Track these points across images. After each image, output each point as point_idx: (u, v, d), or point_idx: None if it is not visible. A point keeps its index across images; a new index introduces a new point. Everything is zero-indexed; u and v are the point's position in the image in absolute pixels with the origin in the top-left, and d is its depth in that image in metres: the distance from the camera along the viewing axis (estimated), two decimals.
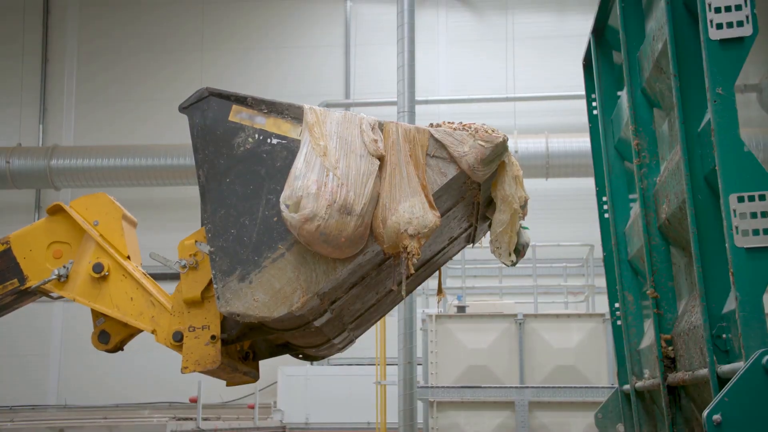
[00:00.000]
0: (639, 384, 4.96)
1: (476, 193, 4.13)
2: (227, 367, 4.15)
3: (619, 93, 5.26)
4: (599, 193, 5.59)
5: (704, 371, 3.49)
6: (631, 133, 4.50)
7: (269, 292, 3.75)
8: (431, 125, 3.98)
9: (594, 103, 5.57)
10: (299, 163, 3.67)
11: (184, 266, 4.05)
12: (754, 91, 15.93)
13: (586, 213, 12.12)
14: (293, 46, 18.81)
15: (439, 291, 4.94)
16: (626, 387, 5.32)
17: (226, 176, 3.84)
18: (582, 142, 15.62)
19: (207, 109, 3.90)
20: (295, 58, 18.67)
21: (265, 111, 3.87)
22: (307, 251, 3.74)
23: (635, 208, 4.94)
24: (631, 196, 5.23)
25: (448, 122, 4.03)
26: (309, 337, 4.34)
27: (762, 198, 3.06)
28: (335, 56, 18.69)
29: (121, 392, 17.44)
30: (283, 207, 3.60)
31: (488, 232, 4.50)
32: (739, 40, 3.16)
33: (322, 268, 3.75)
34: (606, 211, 5.48)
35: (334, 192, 3.59)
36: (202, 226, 3.91)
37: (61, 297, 4.38)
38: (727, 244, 3.09)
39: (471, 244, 4.88)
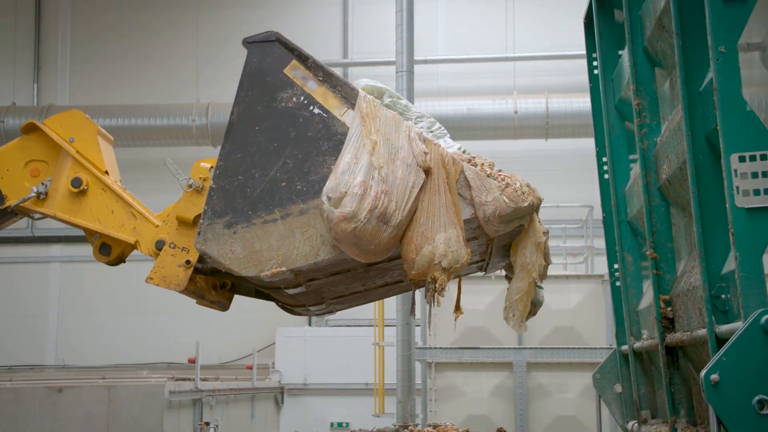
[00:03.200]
0: (637, 345, 4.97)
1: (489, 239, 4.04)
2: (192, 293, 4.21)
3: (620, 52, 5.21)
4: (599, 154, 5.56)
5: (702, 331, 3.49)
6: (632, 92, 4.46)
7: (247, 250, 3.73)
8: (470, 160, 3.87)
9: (595, 63, 5.51)
10: (347, 156, 3.59)
11: (190, 185, 4.08)
12: (757, 49, 15.79)
13: (586, 174, 12.10)
14: (290, 2, 18.63)
15: (457, 308, 4.51)
16: (624, 348, 5.34)
17: (257, 124, 3.80)
18: (582, 102, 15.52)
19: (268, 53, 3.85)
20: (293, 16, 18.49)
21: (320, 78, 3.82)
22: (298, 228, 3.71)
23: (635, 169, 4.91)
24: (631, 157, 5.20)
25: (488, 163, 3.92)
26: (281, 295, 4.33)
27: (763, 158, 3.04)
28: (333, 14, 18.51)
29: (119, 353, 17.53)
30: (324, 198, 3.54)
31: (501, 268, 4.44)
32: None
33: (305, 249, 3.72)
34: (606, 171, 5.45)
35: (377, 197, 3.53)
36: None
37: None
38: (727, 205, 3.07)
39: (482, 272, 4.75)
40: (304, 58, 3.84)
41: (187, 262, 4.04)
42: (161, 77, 18.50)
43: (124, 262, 4.41)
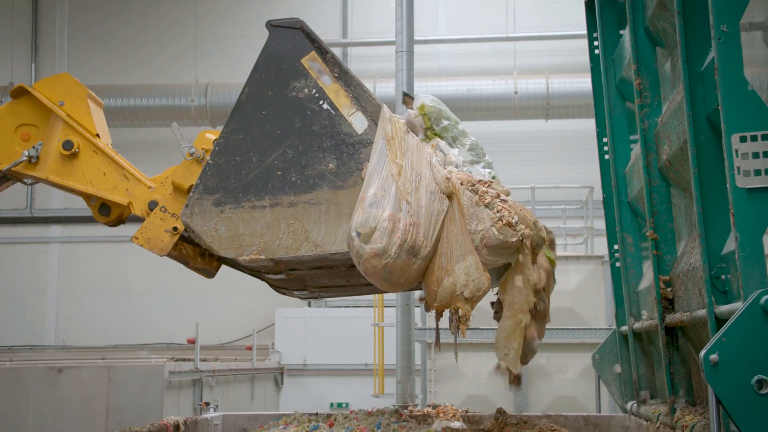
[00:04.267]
0: (637, 325, 4.97)
1: None
2: (177, 259, 4.24)
3: (621, 32, 5.18)
4: (600, 134, 5.54)
5: (702, 312, 3.49)
6: (633, 72, 4.44)
7: (230, 231, 3.75)
8: (472, 185, 3.81)
9: (596, 42, 5.49)
10: (373, 186, 3.54)
11: (191, 154, 4.09)
12: (759, 29, 15.73)
13: (586, 154, 12.06)
14: None
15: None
16: (624, 328, 5.34)
17: (264, 108, 3.79)
18: (583, 82, 15.47)
19: (288, 40, 3.83)
20: None
21: (336, 75, 3.80)
22: (284, 220, 3.71)
23: (636, 149, 4.90)
24: (631, 137, 5.19)
25: (498, 192, 3.84)
26: (262, 277, 4.35)
27: (764, 138, 3.02)
28: None
29: (118, 334, 17.58)
30: (353, 234, 3.51)
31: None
32: None
33: (287, 242, 3.72)
34: (606, 152, 5.44)
35: (406, 231, 3.49)
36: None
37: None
38: (728, 185, 3.06)
39: None
40: (323, 52, 3.83)
41: (174, 228, 4.07)
42: (159, 56, 18.42)
43: (124, 223, 4.41)
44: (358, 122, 3.74)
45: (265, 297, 17.01)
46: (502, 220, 3.70)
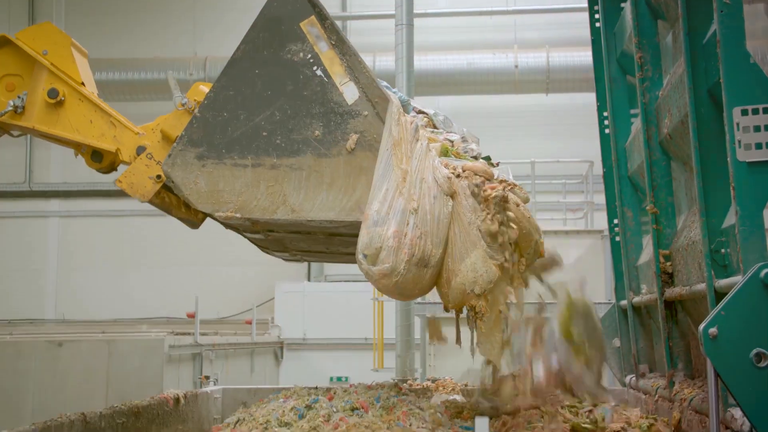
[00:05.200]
0: (636, 299, 4.98)
1: None
2: (159, 207, 4.23)
3: (622, 4, 5.14)
4: (600, 108, 5.52)
5: (702, 286, 3.49)
6: (634, 45, 4.41)
7: (210, 186, 3.75)
8: (458, 174, 3.74)
9: (596, 15, 5.45)
10: (377, 201, 3.48)
11: (183, 104, 4.08)
12: (761, 2, 15.64)
13: (587, 129, 12.01)
14: None
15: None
16: (623, 302, 5.35)
17: (258, 67, 3.77)
18: (583, 56, 15.40)
19: (290, 2, 3.79)
20: None
21: (333, 42, 3.77)
22: (264, 181, 3.71)
23: (636, 123, 4.88)
24: (632, 111, 5.17)
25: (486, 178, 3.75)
26: (244, 234, 4.36)
27: (766, 111, 3.00)
28: None
29: (118, 308, 17.62)
30: (360, 256, 3.48)
31: None
32: None
33: (264, 203, 3.73)
34: (607, 126, 5.42)
35: (413, 245, 3.43)
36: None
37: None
38: (728, 158, 3.05)
39: None
40: (323, 18, 3.80)
41: (158, 176, 4.07)
42: (158, 30, 18.33)
43: (116, 170, 4.41)
44: (350, 92, 3.72)
45: (264, 271, 17.04)
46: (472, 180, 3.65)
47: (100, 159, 4.31)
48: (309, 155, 3.71)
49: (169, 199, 4.27)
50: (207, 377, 6.74)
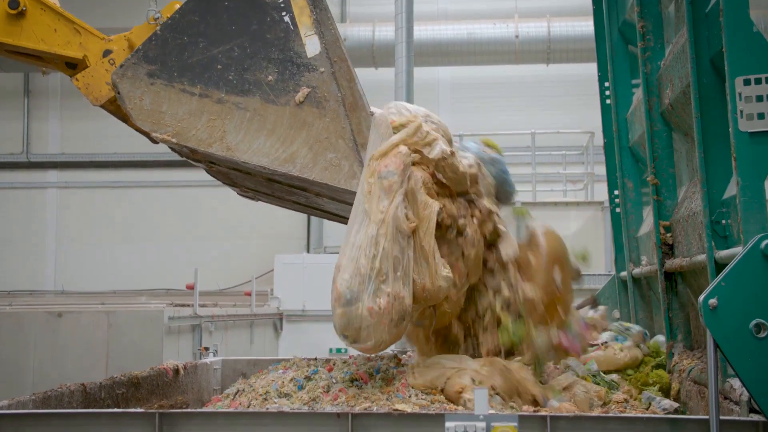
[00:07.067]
0: (636, 271, 4.97)
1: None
2: (113, 113, 4.18)
3: None
4: (601, 79, 5.49)
5: (702, 257, 3.48)
6: (636, 15, 4.37)
7: (153, 105, 3.75)
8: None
9: None
10: (348, 271, 3.45)
11: (155, 19, 4.06)
12: None
13: (588, 99, 11.96)
14: None
15: None
16: (623, 274, 5.35)
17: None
18: (585, 25, 15.30)
19: None
20: None
21: None
22: (207, 113, 3.70)
23: (638, 94, 4.85)
24: (634, 81, 5.14)
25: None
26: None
27: None
28: None
29: (117, 280, 17.64)
30: (340, 336, 3.50)
31: None
32: None
33: (202, 135, 3.73)
34: (608, 96, 5.39)
35: (389, 310, 3.42)
36: None
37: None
38: (730, 129, 3.03)
39: None
40: None
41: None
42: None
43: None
44: (312, 46, 3.71)
45: (264, 243, 17.05)
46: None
47: (75, 67, 4.29)
48: (257, 98, 3.71)
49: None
50: (206, 348, 6.74)
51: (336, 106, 3.68)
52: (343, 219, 4.32)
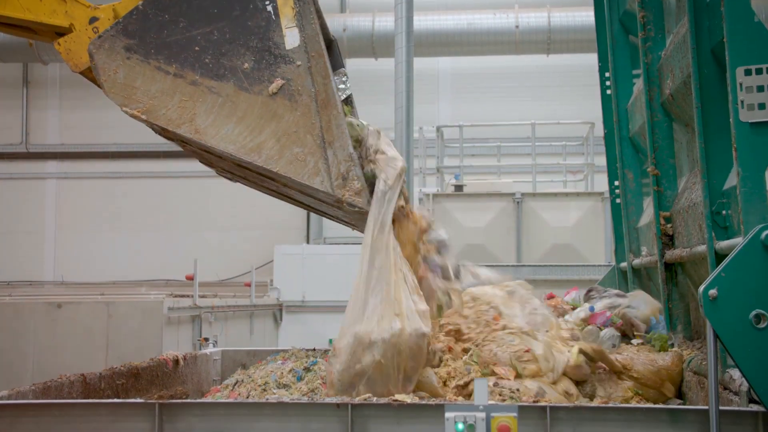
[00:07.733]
0: (636, 261, 4.97)
1: None
2: (93, 82, 4.13)
3: None
4: (602, 69, 5.47)
5: (702, 248, 3.48)
6: (637, 5, 4.35)
7: (127, 80, 3.76)
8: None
9: None
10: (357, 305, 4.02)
11: None
12: None
13: (588, 90, 11.97)
14: None
15: None
16: (623, 265, 5.34)
17: None
18: (585, 15, 15.27)
19: None
20: None
21: None
22: (180, 94, 3.72)
23: (638, 84, 4.84)
24: (634, 72, 5.12)
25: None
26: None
27: None
28: None
29: (117, 270, 17.65)
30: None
31: None
32: None
33: (172, 115, 3.73)
34: (608, 87, 5.38)
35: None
36: None
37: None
38: (731, 119, 3.02)
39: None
40: None
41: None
42: None
43: None
44: (291, 38, 3.71)
45: (264, 234, 17.05)
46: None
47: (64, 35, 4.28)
48: (231, 84, 3.71)
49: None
50: (206, 339, 6.75)
51: (308, 101, 3.68)
52: (313, 209, 4.47)
